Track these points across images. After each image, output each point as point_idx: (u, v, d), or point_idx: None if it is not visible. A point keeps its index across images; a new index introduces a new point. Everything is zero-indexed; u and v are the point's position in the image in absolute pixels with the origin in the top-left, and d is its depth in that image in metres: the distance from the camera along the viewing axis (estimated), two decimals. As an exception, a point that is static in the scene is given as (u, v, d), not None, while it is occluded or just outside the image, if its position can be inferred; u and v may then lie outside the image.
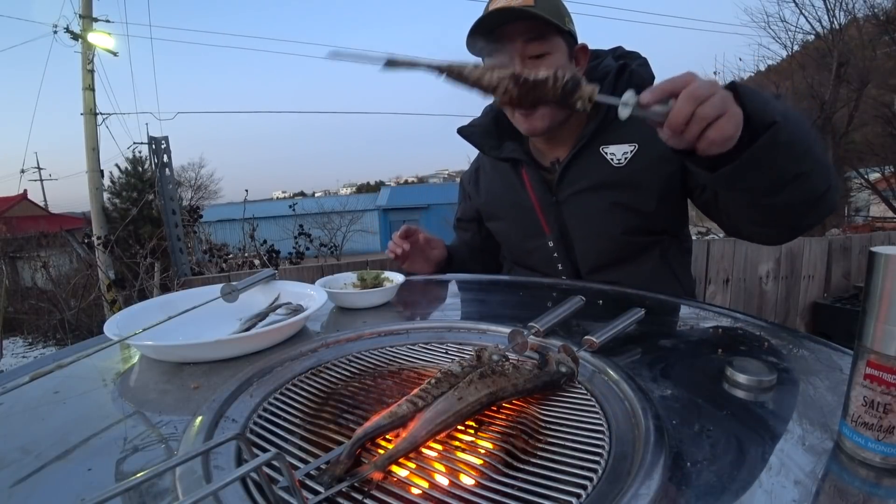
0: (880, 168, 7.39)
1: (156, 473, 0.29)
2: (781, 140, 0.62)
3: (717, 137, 0.58)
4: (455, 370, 0.50)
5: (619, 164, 0.94)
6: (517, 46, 0.88)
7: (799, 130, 0.65)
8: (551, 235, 1.04)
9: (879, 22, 6.41)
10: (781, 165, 0.66)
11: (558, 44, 0.89)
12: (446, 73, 0.59)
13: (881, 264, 0.35)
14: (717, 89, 0.57)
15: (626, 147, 0.93)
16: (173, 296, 0.83)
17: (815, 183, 0.71)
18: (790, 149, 0.64)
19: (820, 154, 0.70)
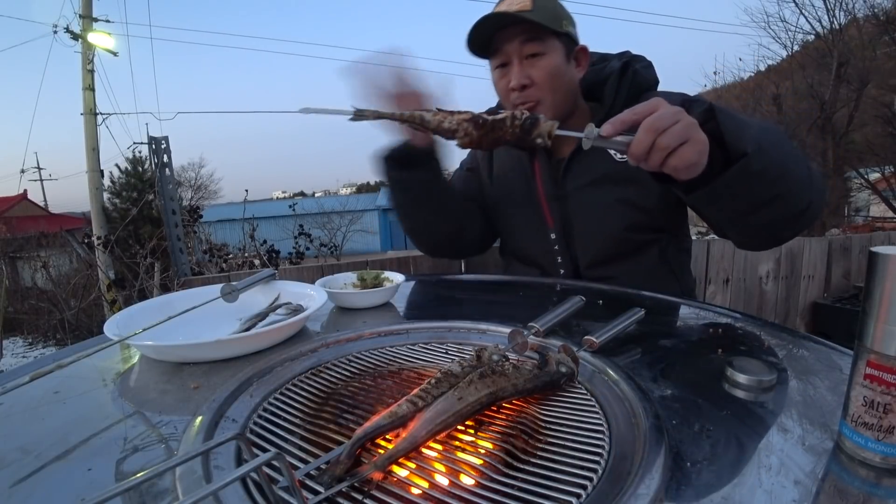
0: (880, 168, 7.39)
1: (156, 473, 0.29)
2: (754, 169, 0.63)
3: (680, 164, 0.59)
4: (455, 370, 0.50)
5: (622, 157, 0.95)
6: (514, 47, 0.91)
7: (775, 155, 0.65)
8: (554, 228, 1.05)
9: (879, 22, 6.41)
10: (755, 192, 0.67)
11: (554, 45, 0.91)
12: (409, 121, 0.61)
13: (881, 264, 0.35)
14: (681, 117, 0.58)
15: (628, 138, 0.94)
16: (173, 296, 0.83)
17: (792, 203, 0.72)
18: (763, 176, 0.65)
19: (798, 174, 0.70)
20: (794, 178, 0.69)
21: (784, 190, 0.69)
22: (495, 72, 0.97)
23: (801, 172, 0.71)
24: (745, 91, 7.81)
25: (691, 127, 0.59)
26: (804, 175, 0.72)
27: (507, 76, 0.93)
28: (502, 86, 0.95)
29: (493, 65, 0.97)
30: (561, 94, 0.94)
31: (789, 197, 0.71)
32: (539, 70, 0.91)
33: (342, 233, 12.39)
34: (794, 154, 0.70)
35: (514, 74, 0.91)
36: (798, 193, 0.72)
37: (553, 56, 0.91)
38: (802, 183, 0.71)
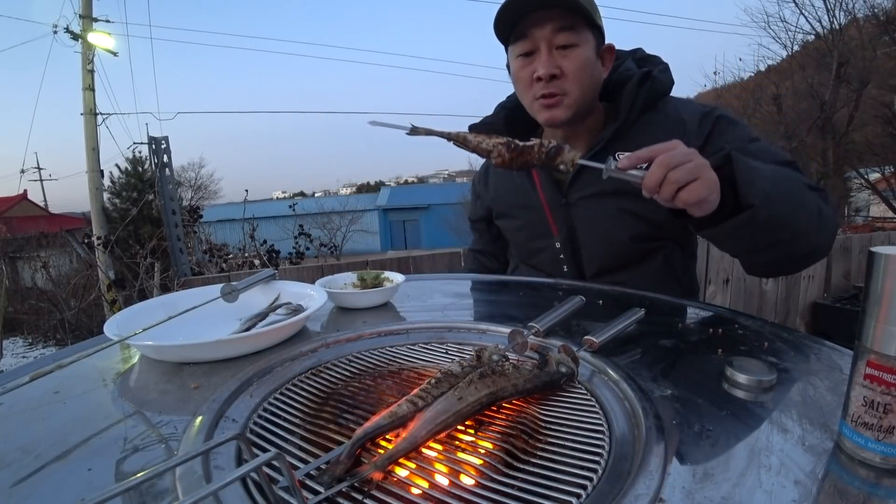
0: (880, 168, 7.39)
1: (156, 473, 0.29)
2: (759, 220, 0.67)
3: (690, 199, 0.63)
4: (455, 370, 0.50)
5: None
6: (545, 34, 0.85)
7: (782, 207, 0.69)
8: (559, 237, 1.04)
9: (879, 22, 6.41)
10: (759, 237, 0.71)
11: (587, 38, 0.87)
12: (454, 140, 0.70)
13: (881, 264, 0.35)
14: (693, 157, 0.63)
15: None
16: (173, 296, 0.83)
17: (795, 247, 0.75)
18: (768, 225, 0.68)
19: (805, 222, 0.73)
20: (799, 226, 0.72)
21: (788, 237, 0.72)
22: (517, 59, 0.90)
23: (808, 220, 0.74)
24: (745, 91, 7.80)
25: (702, 167, 0.63)
26: (812, 222, 0.74)
27: (531, 65, 0.88)
28: (525, 75, 0.89)
29: (517, 52, 0.90)
30: (587, 90, 0.90)
31: (793, 242, 0.74)
32: (571, 61, 0.86)
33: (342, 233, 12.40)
34: (805, 202, 0.73)
35: (543, 62, 0.85)
36: (802, 239, 0.74)
37: (585, 49, 0.86)
38: (809, 229, 0.74)
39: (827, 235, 0.78)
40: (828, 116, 6.32)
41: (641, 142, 0.92)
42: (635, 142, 0.92)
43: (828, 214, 0.77)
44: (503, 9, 0.85)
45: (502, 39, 0.92)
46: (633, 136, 0.93)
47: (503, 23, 0.88)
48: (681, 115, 0.92)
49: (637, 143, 0.92)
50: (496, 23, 0.88)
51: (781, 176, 0.71)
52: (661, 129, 0.92)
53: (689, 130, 0.91)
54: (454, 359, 0.58)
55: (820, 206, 0.76)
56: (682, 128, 0.91)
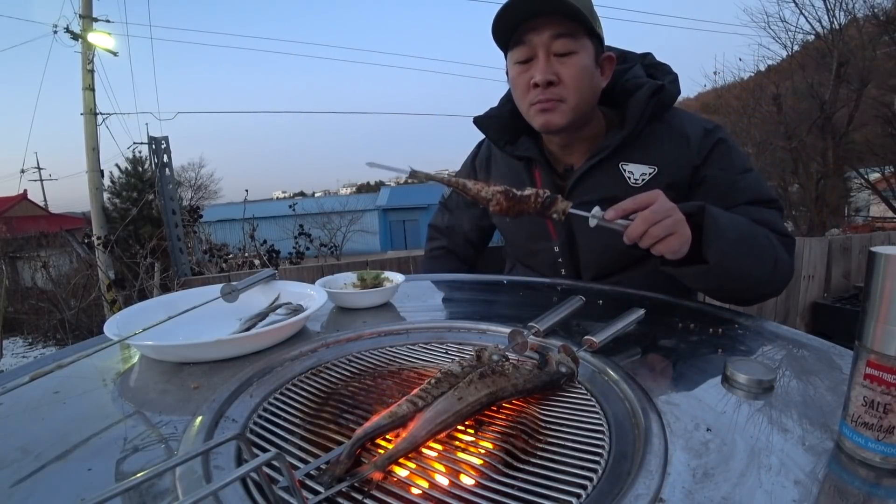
0: (880, 168, 7.39)
1: (156, 473, 0.29)
2: (713, 273, 0.75)
3: (665, 250, 0.71)
4: (455, 370, 0.50)
5: (636, 183, 0.93)
6: (543, 41, 0.85)
7: (737, 263, 0.76)
8: (558, 241, 1.03)
9: (879, 22, 6.40)
10: (713, 283, 0.81)
11: (586, 45, 0.86)
12: (454, 186, 0.75)
13: (881, 264, 0.35)
14: (672, 213, 0.70)
15: (645, 168, 0.93)
16: (173, 296, 0.83)
17: (746, 294, 0.86)
18: (721, 276, 0.77)
19: (757, 275, 0.81)
20: (750, 280, 0.81)
21: (739, 287, 0.83)
22: (515, 66, 0.90)
23: (761, 274, 0.82)
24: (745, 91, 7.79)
25: (679, 223, 0.70)
26: (765, 275, 0.82)
27: (529, 71, 0.88)
28: (523, 81, 0.89)
29: (515, 58, 0.89)
30: (585, 98, 0.89)
31: (743, 290, 0.84)
32: (568, 68, 0.85)
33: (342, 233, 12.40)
34: (762, 258, 0.81)
35: (540, 69, 0.85)
36: (753, 289, 0.85)
37: (583, 56, 0.86)
38: (760, 281, 0.83)
39: (778, 283, 0.86)
40: (828, 116, 6.31)
41: (648, 153, 0.93)
42: (641, 153, 0.93)
43: (783, 265, 0.85)
44: (500, 15, 0.85)
45: (501, 45, 0.92)
46: (640, 146, 0.93)
47: (501, 29, 0.88)
48: (685, 131, 0.93)
49: (643, 154, 0.93)
50: (494, 29, 0.88)
51: (747, 235, 0.79)
52: (667, 142, 0.93)
53: (692, 145, 0.92)
54: (454, 359, 0.58)
55: (777, 259, 0.83)
56: (685, 143, 0.92)
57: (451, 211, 1.28)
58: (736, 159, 0.93)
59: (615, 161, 0.94)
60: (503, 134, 1.03)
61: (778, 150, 6.75)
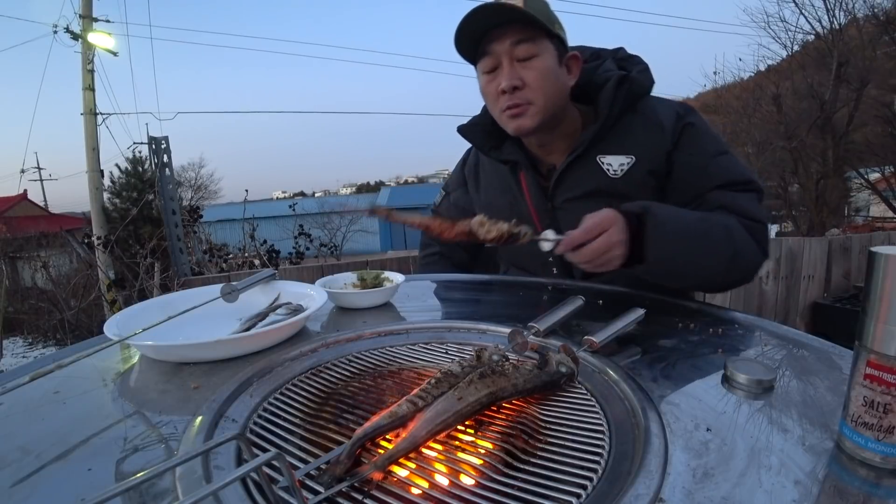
0: (880, 168, 7.38)
1: (156, 473, 0.29)
2: (651, 271, 0.78)
3: (600, 271, 0.75)
4: (455, 370, 0.50)
5: (615, 174, 0.94)
6: (505, 48, 0.87)
7: (677, 263, 0.79)
8: None
9: (879, 22, 6.40)
10: (657, 279, 0.83)
11: (547, 47, 0.89)
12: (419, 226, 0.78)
13: (881, 264, 0.35)
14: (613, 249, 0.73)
15: (623, 158, 0.94)
16: (173, 296, 0.83)
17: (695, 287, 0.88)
18: (662, 275, 0.80)
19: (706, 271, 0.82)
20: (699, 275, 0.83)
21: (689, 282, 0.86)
22: (483, 77, 0.93)
23: (711, 268, 0.82)
24: (745, 91, 7.79)
25: (615, 259, 0.74)
26: (717, 268, 0.82)
27: (496, 80, 0.90)
28: (491, 90, 0.92)
29: (482, 69, 0.93)
30: (552, 98, 0.91)
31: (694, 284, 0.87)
32: (531, 71, 0.88)
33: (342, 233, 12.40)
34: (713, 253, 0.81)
35: (505, 76, 0.88)
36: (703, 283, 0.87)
37: (545, 58, 0.88)
38: (713, 274, 0.83)
39: (740, 273, 0.85)
40: (828, 116, 6.31)
41: (624, 144, 0.94)
42: (617, 144, 0.94)
43: (746, 255, 0.84)
44: (460, 30, 0.88)
45: (469, 59, 0.95)
46: (615, 138, 0.94)
47: (465, 44, 0.91)
48: (658, 118, 0.94)
49: (619, 145, 0.94)
50: (458, 45, 0.91)
51: (693, 232, 0.79)
52: (641, 131, 0.94)
53: (665, 131, 0.94)
54: (454, 359, 0.58)
55: (737, 251, 0.82)
56: (660, 129, 0.93)
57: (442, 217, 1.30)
58: (707, 143, 0.93)
59: (592, 155, 0.95)
60: (487, 140, 1.06)
61: (778, 150, 6.75)
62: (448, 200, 1.27)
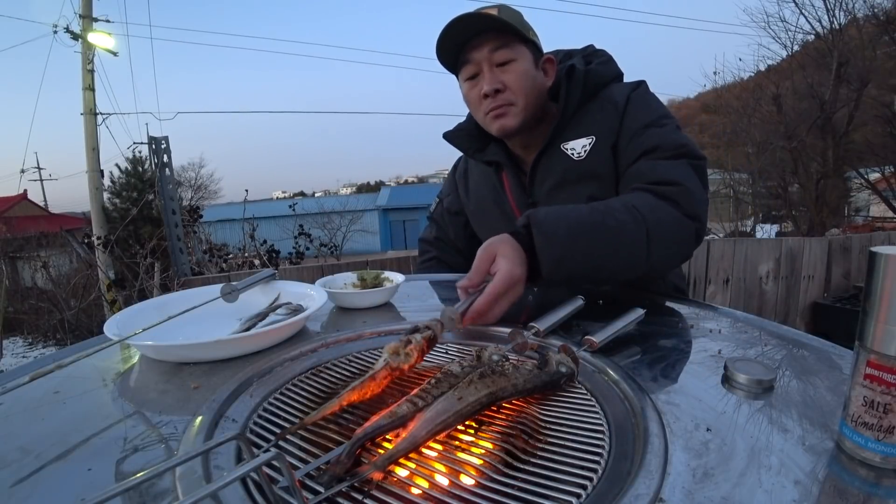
0: (880, 168, 7.39)
1: (156, 473, 0.29)
2: (557, 279, 0.73)
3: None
4: (455, 370, 0.50)
5: (580, 156, 0.97)
6: (484, 55, 0.92)
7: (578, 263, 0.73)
8: None
9: (879, 22, 6.40)
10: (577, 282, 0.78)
11: (522, 52, 0.93)
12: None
13: (881, 264, 0.35)
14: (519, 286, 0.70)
15: (584, 140, 0.97)
16: (173, 296, 0.83)
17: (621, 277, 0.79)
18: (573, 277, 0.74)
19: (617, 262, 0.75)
20: (610, 267, 0.76)
21: (602, 276, 0.79)
22: (465, 84, 0.98)
23: (623, 256, 0.75)
24: (745, 91, 7.79)
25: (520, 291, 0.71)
26: (631, 258, 0.76)
27: (478, 85, 0.94)
28: (474, 95, 0.96)
29: (464, 76, 0.97)
30: (532, 98, 0.95)
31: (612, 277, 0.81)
32: (510, 74, 0.92)
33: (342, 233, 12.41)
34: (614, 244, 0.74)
35: (486, 80, 0.92)
36: (622, 273, 0.77)
37: (522, 61, 0.93)
38: (630, 262, 0.76)
39: (668, 250, 0.79)
40: (828, 116, 6.31)
41: (581, 128, 0.97)
42: (578, 129, 0.98)
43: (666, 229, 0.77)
44: (441, 42, 0.92)
45: (451, 69, 0.99)
46: (575, 124, 0.98)
47: (446, 55, 0.95)
48: (613, 97, 0.97)
49: (577, 131, 0.97)
50: (439, 56, 0.96)
51: (586, 227, 0.73)
52: (598, 112, 0.98)
53: (618, 108, 0.96)
54: (454, 359, 0.58)
55: (650, 232, 0.75)
56: (613, 108, 0.96)
57: (438, 223, 1.33)
58: (642, 114, 0.93)
59: (557, 144, 0.99)
60: (472, 143, 1.10)
61: (778, 150, 6.75)
62: (442, 206, 1.32)
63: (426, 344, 0.56)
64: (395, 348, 0.53)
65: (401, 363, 0.52)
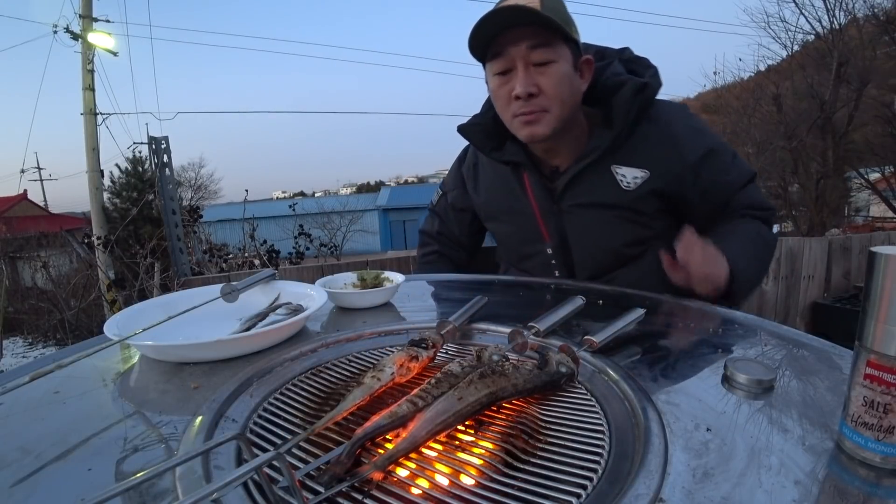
0: (880, 168, 7.38)
1: (156, 473, 0.29)
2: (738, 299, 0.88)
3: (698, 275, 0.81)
4: (455, 370, 0.50)
5: (628, 187, 0.92)
6: (521, 52, 0.84)
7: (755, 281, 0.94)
8: (551, 243, 1.03)
9: (879, 22, 6.40)
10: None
11: (563, 52, 0.85)
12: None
13: (881, 264, 0.35)
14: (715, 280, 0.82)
15: (638, 172, 0.92)
16: (173, 296, 0.83)
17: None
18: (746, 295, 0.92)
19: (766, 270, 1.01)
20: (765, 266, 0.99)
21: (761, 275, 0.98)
22: (494, 78, 0.89)
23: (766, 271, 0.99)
24: (745, 91, 7.79)
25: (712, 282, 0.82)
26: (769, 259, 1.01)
27: (509, 83, 0.86)
28: (503, 93, 0.88)
29: (493, 70, 0.88)
30: (567, 105, 0.88)
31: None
32: (548, 78, 0.84)
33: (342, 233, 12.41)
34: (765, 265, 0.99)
35: (520, 81, 0.84)
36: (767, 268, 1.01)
37: (562, 64, 0.85)
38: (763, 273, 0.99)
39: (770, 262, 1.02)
40: (828, 116, 6.30)
41: (640, 156, 0.92)
42: (633, 155, 0.92)
43: (771, 240, 0.99)
44: (477, 28, 0.84)
45: (478, 57, 0.91)
46: (631, 148, 0.92)
47: (478, 42, 0.87)
48: (672, 130, 0.92)
49: (634, 159, 0.92)
50: (471, 42, 0.87)
51: (755, 259, 0.91)
52: (657, 144, 0.92)
53: (680, 147, 0.92)
54: (454, 359, 0.58)
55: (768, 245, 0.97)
56: (673, 147, 0.92)
57: (441, 216, 1.28)
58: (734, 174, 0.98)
59: (607, 163, 0.93)
60: (488, 140, 1.03)
61: (778, 150, 6.75)
62: (445, 200, 1.26)
63: (428, 361, 0.57)
64: (403, 362, 0.54)
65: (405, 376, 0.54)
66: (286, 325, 0.64)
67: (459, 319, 0.66)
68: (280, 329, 0.64)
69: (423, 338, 0.59)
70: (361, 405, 0.48)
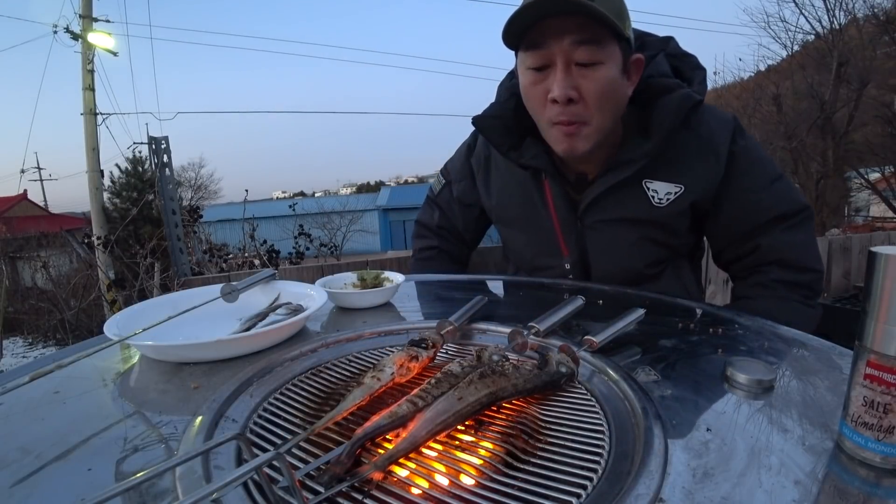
0: (880, 168, 7.39)
1: (156, 473, 0.29)
2: None
3: None
4: (455, 370, 0.50)
5: (660, 203, 0.85)
6: (563, 47, 0.71)
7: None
8: (569, 258, 0.96)
9: (879, 22, 6.40)
10: None
11: (613, 53, 0.73)
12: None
13: (881, 264, 0.35)
14: None
15: (671, 187, 0.84)
16: (173, 296, 0.83)
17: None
18: None
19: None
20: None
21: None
22: (529, 73, 0.77)
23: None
24: (745, 91, 7.80)
25: None
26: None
27: (545, 81, 0.75)
28: (537, 93, 0.77)
29: (528, 63, 0.76)
30: (610, 115, 0.77)
31: None
32: (593, 83, 0.73)
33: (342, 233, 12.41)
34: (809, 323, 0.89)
35: (559, 83, 0.72)
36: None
37: (610, 67, 0.72)
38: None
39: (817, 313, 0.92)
40: (828, 116, 6.31)
41: (675, 170, 0.84)
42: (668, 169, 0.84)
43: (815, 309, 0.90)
44: (517, 15, 0.71)
45: (511, 44, 0.78)
46: (667, 161, 0.83)
47: (516, 28, 0.74)
48: (714, 141, 0.84)
49: (670, 171, 0.83)
50: (507, 28, 0.74)
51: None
52: (695, 156, 0.83)
53: (719, 160, 0.84)
54: (454, 359, 0.58)
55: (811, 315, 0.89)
56: (713, 157, 0.83)
57: (443, 208, 1.16)
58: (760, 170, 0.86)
59: (639, 177, 0.84)
60: (507, 138, 0.90)
61: (778, 150, 6.75)
62: (450, 192, 1.13)
63: (428, 361, 0.57)
64: (402, 362, 0.54)
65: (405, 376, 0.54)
66: (286, 325, 0.64)
67: (459, 319, 0.66)
68: (280, 329, 0.64)
69: (423, 338, 0.59)
70: (361, 405, 0.48)
